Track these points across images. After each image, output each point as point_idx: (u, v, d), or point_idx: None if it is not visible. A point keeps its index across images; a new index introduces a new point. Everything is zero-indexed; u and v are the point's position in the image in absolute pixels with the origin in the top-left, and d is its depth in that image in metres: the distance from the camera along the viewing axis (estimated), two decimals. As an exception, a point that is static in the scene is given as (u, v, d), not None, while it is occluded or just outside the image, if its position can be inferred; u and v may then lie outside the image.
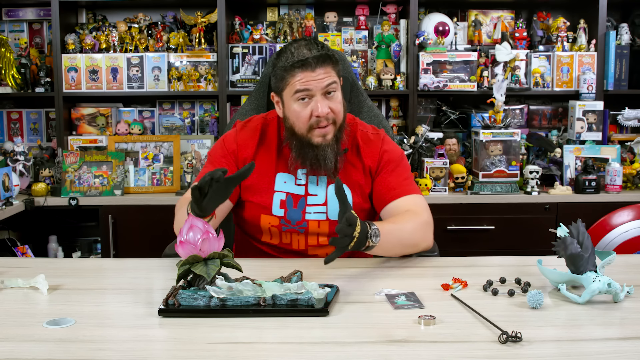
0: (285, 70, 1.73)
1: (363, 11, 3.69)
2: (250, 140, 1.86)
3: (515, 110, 3.64)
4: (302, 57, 1.71)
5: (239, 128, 1.89)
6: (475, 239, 3.23)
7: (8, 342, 1.19)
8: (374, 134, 1.89)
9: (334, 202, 1.82)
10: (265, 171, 1.84)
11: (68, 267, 1.80)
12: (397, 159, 1.87)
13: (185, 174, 3.35)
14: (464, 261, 1.75)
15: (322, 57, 1.72)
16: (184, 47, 3.60)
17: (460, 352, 1.13)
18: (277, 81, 1.77)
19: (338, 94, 1.76)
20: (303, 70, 1.71)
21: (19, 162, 3.31)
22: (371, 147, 1.86)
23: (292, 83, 1.72)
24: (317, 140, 1.75)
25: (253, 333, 1.22)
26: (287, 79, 1.73)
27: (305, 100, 1.73)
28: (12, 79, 3.54)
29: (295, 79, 1.71)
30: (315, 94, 1.72)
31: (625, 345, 1.16)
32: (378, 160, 1.85)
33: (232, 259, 1.39)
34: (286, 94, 1.75)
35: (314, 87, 1.71)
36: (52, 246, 3.36)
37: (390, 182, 1.82)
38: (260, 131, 1.87)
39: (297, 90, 1.71)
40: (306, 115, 1.73)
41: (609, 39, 3.51)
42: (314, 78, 1.71)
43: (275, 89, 1.80)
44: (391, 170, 1.84)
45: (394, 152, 1.88)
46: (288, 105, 1.76)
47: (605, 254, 1.47)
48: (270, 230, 1.85)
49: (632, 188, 3.40)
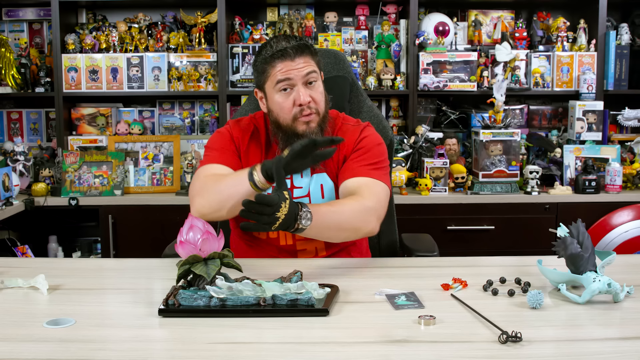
0: (266, 62, 1.76)
1: (363, 11, 3.69)
2: (243, 135, 1.88)
3: (515, 110, 3.64)
4: (281, 48, 1.74)
5: (232, 124, 1.91)
6: (475, 239, 3.23)
7: (8, 342, 1.19)
8: (354, 125, 1.90)
9: (317, 193, 1.84)
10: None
11: (68, 267, 1.80)
12: (370, 145, 1.85)
13: (185, 174, 3.35)
14: (464, 261, 1.75)
15: (300, 46, 1.75)
16: (184, 47, 3.60)
17: (460, 352, 1.13)
18: (259, 75, 1.80)
19: (319, 85, 1.79)
20: (283, 60, 1.73)
21: (19, 162, 3.31)
22: (349, 137, 1.86)
23: (273, 74, 1.75)
24: (301, 129, 1.76)
25: (253, 333, 1.22)
26: (267, 70, 1.76)
27: (287, 90, 1.75)
28: (12, 79, 3.54)
29: (276, 70, 1.74)
30: (296, 83, 1.74)
31: (625, 345, 1.16)
32: (353, 147, 1.85)
33: (232, 259, 1.39)
34: (268, 87, 1.78)
35: (295, 76, 1.74)
36: (52, 246, 3.36)
37: (353, 163, 1.82)
38: (252, 127, 1.90)
39: (279, 80, 1.74)
40: (289, 105, 1.75)
41: (609, 39, 3.51)
42: (294, 67, 1.74)
43: (258, 83, 1.82)
44: (359, 155, 1.83)
45: (369, 139, 1.86)
46: (271, 98, 1.79)
47: (605, 254, 1.47)
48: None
49: (632, 188, 3.40)
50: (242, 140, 1.88)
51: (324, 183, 1.85)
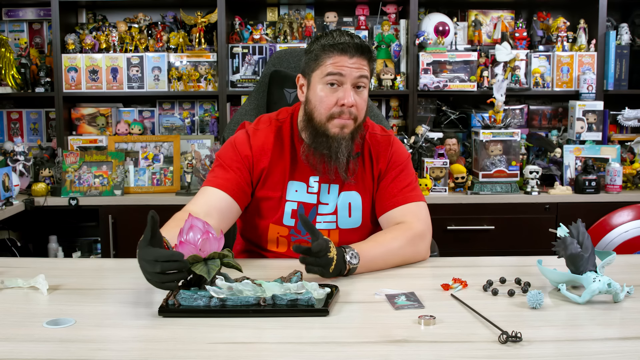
0: (324, 49, 1.68)
1: (363, 11, 3.69)
2: (265, 147, 1.77)
3: (515, 110, 3.64)
4: (344, 41, 1.67)
5: (250, 132, 1.79)
6: (475, 239, 3.23)
7: (8, 342, 1.19)
8: (383, 136, 1.84)
9: (344, 211, 1.80)
10: (278, 180, 1.78)
11: (68, 267, 1.80)
12: (403, 162, 1.82)
13: (185, 174, 3.35)
14: (464, 261, 1.75)
15: (362, 47, 1.68)
16: (184, 47, 3.60)
17: (460, 352, 1.13)
18: (311, 61, 1.71)
19: (365, 92, 1.72)
20: (341, 54, 1.66)
21: (19, 162, 3.31)
22: (381, 151, 1.81)
23: (326, 65, 1.67)
24: (333, 131, 1.69)
25: (253, 333, 1.22)
26: (322, 59, 1.68)
27: (334, 86, 1.68)
28: (12, 79, 3.54)
29: (331, 61, 1.67)
30: (345, 81, 1.67)
31: (625, 345, 1.16)
32: (387, 164, 1.80)
33: (232, 259, 1.39)
34: (316, 75, 1.70)
35: (347, 74, 1.67)
36: (52, 246, 3.36)
37: (392, 188, 1.78)
38: (275, 134, 1.79)
39: (330, 72, 1.67)
40: (331, 102, 1.68)
41: (609, 39, 3.51)
42: (349, 65, 1.66)
43: (306, 68, 1.74)
44: (395, 176, 1.79)
45: (401, 156, 1.83)
46: (314, 88, 1.71)
47: (605, 254, 1.47)
48: (278, 240, 1.81)
49: (632, 188, 3.40)
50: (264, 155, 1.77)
51: (352, 201, 1.79)
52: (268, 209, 1.79)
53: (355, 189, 1.80)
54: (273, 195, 1.78)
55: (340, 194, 1.79)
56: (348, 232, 1.81)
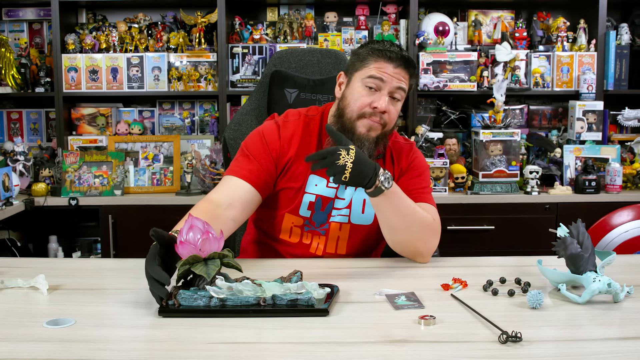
0: (372, 52, 1.74)
1: (363, 11, 3.69)
2: (293, 138, 1.82)
3: (515, 110, 3.64)
4: (393, 51, 1.73)
5: (281, 123, 1.84)
6: (475, 239, 3.23)
7: (8, 342, 1.19)
8: (406, 143, 1.91)
9: (358, 207, 1.82)
10: (301, 172, 1.81)
11: (68, 267, 1.80)
12: (422, 168, 1.88)
13: (185, 174, 3.35)
14: (464, 261, 1.75)
15: (408, 60, 1.74)
16: (184, 47, 3.60)
17: (460, 352, 1.13)
18: (357, 61, 1.77)
19: (399, 104, 1.77)
20: (387, 62, 1.72)
21: (19, 162, 3.31)
22: (403, 154, 1.88)
23: (370, 67, 1.73)
24: (360, 130, 1.73)
25: (253, 333, 1.22)
26: (368, 60, 1.74)
27: (372, 89, 1.72)
28: (12, 79, 3.54)
29: (375, 65, 1.72)
30: (384, 87, 1.72)
31: (625, 345, 1.16)
32: (407, 165, 1.86)
33: (232, 259, 1.38)
34: (358, 75, 1.75)
35: (387, 81, 1.72)
36: (52, 246, 3.36)
37: (409, 185, 1.81)
38: (303, 128, 1.84)
39: (371, 75, 1.72)
40: (365, 102, 1.72)
41: (609, 39, 3.51)
42: (391, 73, 1.72)
43: (350, 67, 1.79)
44: (414, 177, 1.85)
45: (421, 162, 1.89)
46: (353, 86, 1.76)
47: (605, 254, 1.47)
48: (292, 230, 1.83)
49: (632, 188, 3.40)
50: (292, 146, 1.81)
51: (367, 198, 1.81)
52: (286, 198, 1.82)
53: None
54: (293, 186, 1.81)
55: (357, 189, 1.82)
56: (358, 228, 1.83)
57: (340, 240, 1.84)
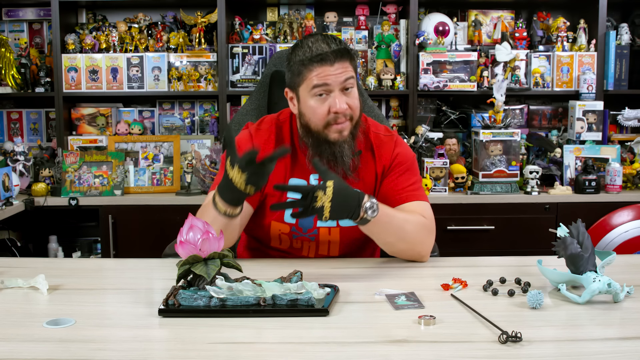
0: (303, 64, 1.68)
1: (363, 11, 3.69)
2: (266, 144, 1.79)
3: (515, 110, 3.64)
4: (321, 51, 1.66)
5: (253, 131, 1.82)
6: (475, 239, 3.23)
7: (8, 342, 1.19)
8: (387, 136, 1.85)
9: None
10: (279, 177, 1.78)
11: (68, 267, 1.80)
12: (408, 161, 1.82)
13: (185, 174, 3.35)
14: (464, 261, 1.75)
15: (340, 51, 1.67)
16: (184, 47, 3.60)
17: (460, 352, 1.13)
18: (294, 76, 1.72)
19: (355, 90, 1.72)
20: (321, 65, 1.66)
21: (19, 162, 3.31)
22: (385, 149, 1.82)
23: (309, 78, 1.68)
24: (333, 137, 1.70)
25: (253, 333, 1.22)
26: (304, 73, 1.69)
27: (323, 95, 1.68)
28: (12, 79, 3.54)
29: (313, 74, 1.67)
30: (333, 89, 1.67)
31: (625, 345, 1.16)
32: (390, 161, 1.81)
33: (232, 259, 1.39)
34: (303, 90, 1.71)
35: (332, 82, 1.67)
36: (52, 246, 3.36)
37: (397, 184, 1.78)
38: (275, 133, 1.81)
39: (315, 85, 1.67)
40: (323, 112, 1.69)
41: (609, 39, 3.51)
42: (332, 73, 1.67)
43: (291, 84, 1.75)
44: (401, 173, 1.80)
45: (405, 155, 1.83)
46: (304, 101, 1.71)
47: (605, 254, 1.47)
48: (280, 237, 1.82)
49: (632, 188, 3.40)
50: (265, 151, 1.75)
51: None
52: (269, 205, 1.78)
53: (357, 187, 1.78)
54: (274, 192, 1.78)
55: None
56: (349, 230, 1.81)
57: (332, 244, 1.82)
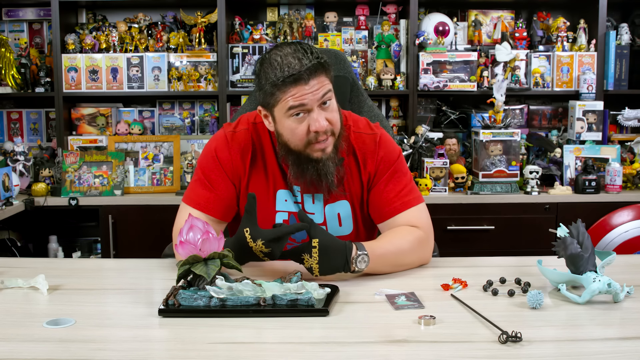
0: (275, 86, 1.54)
1: (363, 11, 3.69)
2: (244, 153, 1.71)
3: (515, 110, 3.64)
4: (294, 71, 1.52)
5: (229, 137, 1.72)
6: (475, 239, 3.23)
7: (8, 342, 1.19)
8: (369, 135, 1.74)
9: (333, 221, 1.74)
10: (263, 187, 1.72)
11: (68, 267, 1.80)
12: (394, 162, 1.73)
13: (185, 174, 3.35)
14: (464, 261, 1.75)
15: (314, 67, 1.54)
16: (184, 47, 3.60)
17: (460, 352, 1.13)
18: (266, 96, 1.59)
19: (333, 102, 1.61)
20: (296, 85, 1.53)
21: (19, 162, 3.31)
22: (368, 153, 1.73)
23: (284, 99, 1.55)
24: (316, 155, 1.61)
25: (253, 333, 1.22)
26: (277, 95, 1.55)
27: (300, 115, 1.56)
28: (12, 79, 3.54)
29: (288, 95, 1.54)
30: (311, 108, 1.55)
31: (625, 345, 1.16)
32: (375, 168, 1.72)
33: (232, 259, 1.39)
34: (278, 111, 1.59)
35: (310, 101, 1.55)
36: (52, 246, 3.36)
37: (387, 193, 1.70)
38: (252, 142, 1.71)
39: (291, 106, 1.55)
40: (303, 132, 1.58)
41: (609, 39, 3.51)
42: (308, 91, 1.54)
43: (264, 104, 1.62)
44: (388, 179, 1.72)
45: (391, 155, 1.74)
46: (281, 122, 1.60)
47: (605, 254, 1.47)
48: None
49: (632, 188, 3.39)
50: (244, 164, 1.70)
51: (341, 211, 1.73)
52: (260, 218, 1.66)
53: (343, 198, 1.74)
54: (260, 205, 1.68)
55: (327, 206, 1.73)
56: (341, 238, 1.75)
57: None
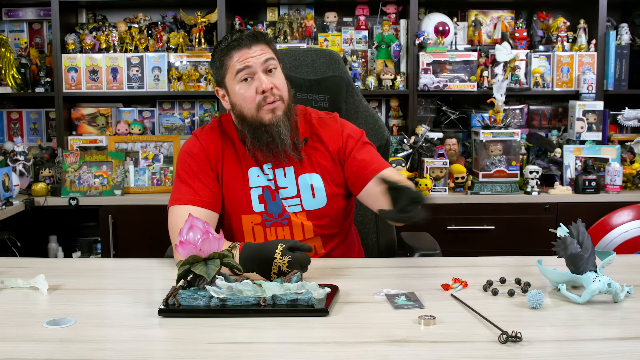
0: (223, 54, 1.75)
1: (363, 11, 3.69)
2: (215, 144, 1.84)
3: (515, 110, 3.64)
4: (235, 37, 1.74)
5: (197, 133, 1.88)
6: (475, 239, 3.23)
7: (8, 342, 1.19)
8: (329, 118, 1.90)
9: (307, 193, 1.82)
10: (237, 169, 1.82)
11: (68, 267, 1.80)
12: (360, 137, 1.87)
13: (185, 174, 3.35)
14: (464, 261, 1.75)
15: (254, 34, 1.75)
16: (184, 47, 3.60)
17: (460, 352, 1.13)
18: (218, 70, 1.78)
19: (279, 72, 1.78)
20: (239, 50, 1.73)
21: (19, 162, 3.31)
22: (331, 132, 1.86)
23: (231, 65, 1.74)
24: (267, 118, 1.74)
25: (253, 333, 1.22)
26: (225, 62, 1.75)
27: (248, 80, 1.73)
28: (12, 79, 3.54)
29: (234, 60, 1.73)
30: (256, 70, 1.73)
31: (625, 345, 1.16)
32: (343, 144, 1.85)
33: (232, 259, 1.39)
34: (228, 79, 1.76)
35: (254, 64, 1.72)
36: (52, 246, 3.36)
37: (363, 160, 1.82)
38: (219, 129, 1.86)
39: (238, 70, 1.73)
40: (252, 94, 1.73)
41: (609, 39, 3.51)
42: (252, 55, 1.73)
43: (218, 79, 1.80)
44: (359, 149, 1.84)
45: (355, 132, 1.88)
46: (232, 90, 1.76)
47: (605, 254, 1.47)
48: (254, 230, 1.82)
49: (632, 188, 3.40)
50: (215, 148, 1.84)
51: (313, 182, 1.82)
52: (236, 201, 1.81)
53: (314, 171, 1.83)
54: (235, 185, 1.81)
55: (299, 177, 1.82)
56: (315, 213, 1.82)
57: (305, 227, 1.82)
